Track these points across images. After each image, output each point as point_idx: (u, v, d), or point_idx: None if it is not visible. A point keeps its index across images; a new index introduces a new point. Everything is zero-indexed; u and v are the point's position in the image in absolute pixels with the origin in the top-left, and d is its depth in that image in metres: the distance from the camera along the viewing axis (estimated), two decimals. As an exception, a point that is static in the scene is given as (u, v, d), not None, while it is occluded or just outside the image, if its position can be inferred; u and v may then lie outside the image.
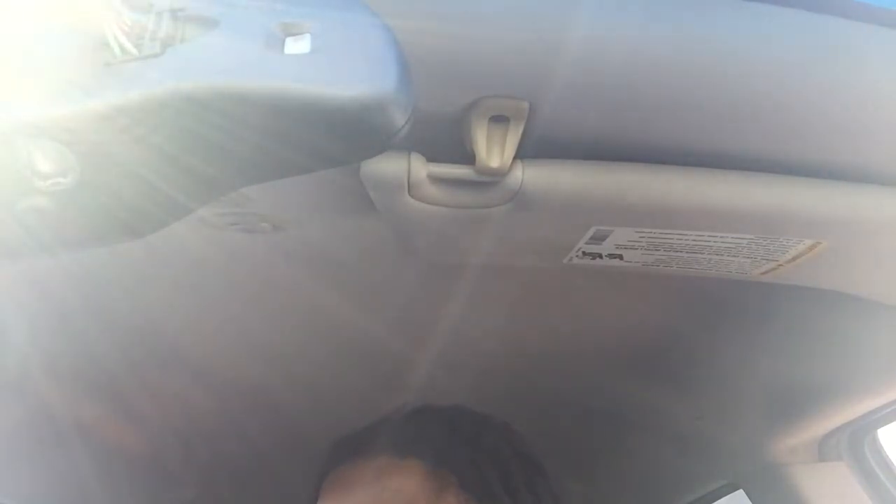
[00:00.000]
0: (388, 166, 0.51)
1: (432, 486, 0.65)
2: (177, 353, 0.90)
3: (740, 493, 1.09)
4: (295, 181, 0.39)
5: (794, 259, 0.62)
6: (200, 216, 0.60)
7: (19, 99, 0.30)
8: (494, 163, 0.51)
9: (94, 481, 1.15)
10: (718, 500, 1.19)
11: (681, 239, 0.60)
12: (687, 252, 0.62)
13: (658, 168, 0.54)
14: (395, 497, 0.64)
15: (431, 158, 0.53)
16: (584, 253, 0.63)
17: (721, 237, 0.59)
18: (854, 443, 0.95)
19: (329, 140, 0.33)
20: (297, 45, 0.32)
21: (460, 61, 0.45)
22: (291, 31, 0.32)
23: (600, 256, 0.63)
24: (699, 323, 0.84)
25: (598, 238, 0.60)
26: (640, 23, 0.43)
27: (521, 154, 0.52)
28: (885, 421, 0.91)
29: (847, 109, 0.49)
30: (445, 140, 0.51)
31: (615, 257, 0.63)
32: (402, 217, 0.56)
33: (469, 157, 0.51)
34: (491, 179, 0.53)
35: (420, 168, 0.52)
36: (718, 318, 0.82)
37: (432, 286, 0.75)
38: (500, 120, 0.49)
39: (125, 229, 0.36)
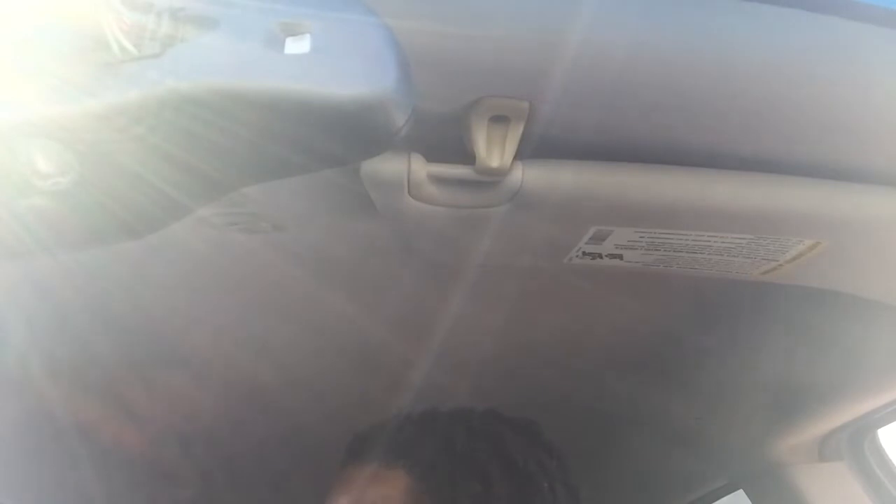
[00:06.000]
0: (388, 166, 0.51)
1: (410, 499, 0.68)
2: (177, 353, 0.90)
3: (740, 493, 1.09)
4: (295, 181, 0.39)
5: (794, 259, 0.62)
6: (200, 216, 0.60)
7: (19, 99, 0.30)
8: (494, 163, 0.51)
9: (93, 481, 1.15)
10: (718, 500, 1.19)
11: (681, 239, 0.60)
12: (687, 252, 0.62)
13: (658, 168, 0.54)
14: None
15: (431, 158, 0.53)
16: (584, 253, 0.63)
17: (721, 237, 0.59)
18: (854, 443, 0.95)
19: (329, 140, 0.33)
20: (297, 45, 0.32)
21: (460, 61, 0.45)
22: (291, 31, 0.32)
23: (600, 256, 0.63)
24: (699, 323, 0.84)
25: (598, 238, 0.60)
26: (639, 23, 0.43)
27: (521, 154, 0.51)
28: (885, 421, 0.91)
29: (847, 109, 0.49)
30: (445, 140, 0.51)
31: (615, 257, 0.63)
32: (402, 217, 0.56)
33: (469, 157, 0.51)
34: (491, 179, 0.53)
35: (420, 168, 0.52)
36: (718, 318, 0.82)
37: (432, 286, 0.75)
38: (500, 120, 0.49)
39: (125, 229, 0.36)
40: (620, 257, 0.63)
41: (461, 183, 0.53)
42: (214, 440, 1.15)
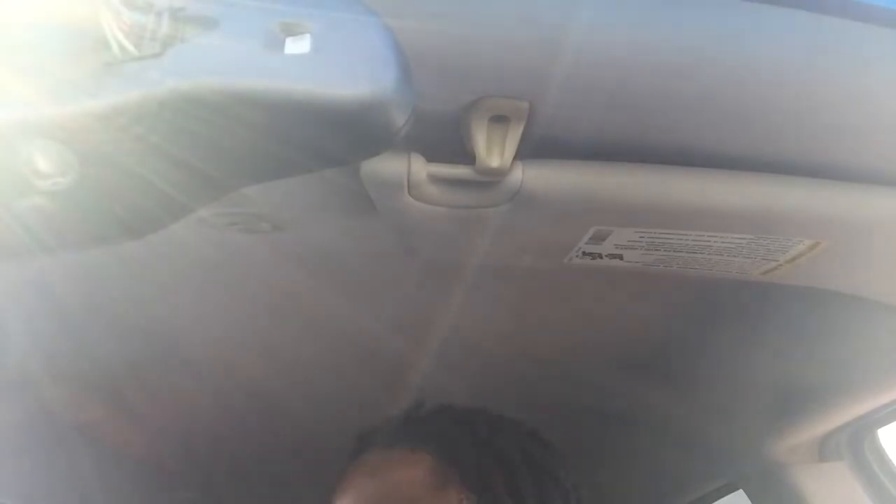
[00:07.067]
0: (388, 166, 0.51)
1: (436, 481, 0.68)
2: (177, 353, 0.90)
3: (740, 493, 1.09)
4: (295, 181, 0.39)
5: (794, 259, 0.62)
6: (200, 216, 0.60)
7: (19, 99, 0.30)
8: (494, 163, 0.51)
9: (94, 481, 1.15)
10: (718, 500, 1.19)
11: (681, 239, 0.60)
12: (687, 252, 0.62)
13: (658, 168, 0.54)
14: (401, 486, 0.69)
15: (431, 158, 0.53)
16: (584, 253, 0.63)
17: (721, 237, 0.59)
18: (854, 443, 0.95)
19: (329, 140, 0.33)
20: (297, 45, 0.32)
21: (460, 61, 0.45)
22: (291, 31, 0.32)
23: (600, 256, 0.63)
24: (699, 323, 0.84)
25: (598, 238, 0.60)
26: (639, 23, 0.43)
27: (521, 154, 0.52)
28: (885, 421, 0.91)
29: (847, 109, 0.49)
30: (445, 140, 0.51)
31: (615, 257, 0.63)
32: (402, 217, 0.56)
33: (469, 157, 0.51)
34: (491, 179, 0.53)
35: (420, 168, 0.52)
36: (718, 318, 0.82)
37: (432, 286, 0.75)
38: (500, 120, 0.49)
39: (125, 229, 0.36)
40: (620, 257, 0.63)
41: (461, 183, 0.53)
42: (215, 440, 1.15)
